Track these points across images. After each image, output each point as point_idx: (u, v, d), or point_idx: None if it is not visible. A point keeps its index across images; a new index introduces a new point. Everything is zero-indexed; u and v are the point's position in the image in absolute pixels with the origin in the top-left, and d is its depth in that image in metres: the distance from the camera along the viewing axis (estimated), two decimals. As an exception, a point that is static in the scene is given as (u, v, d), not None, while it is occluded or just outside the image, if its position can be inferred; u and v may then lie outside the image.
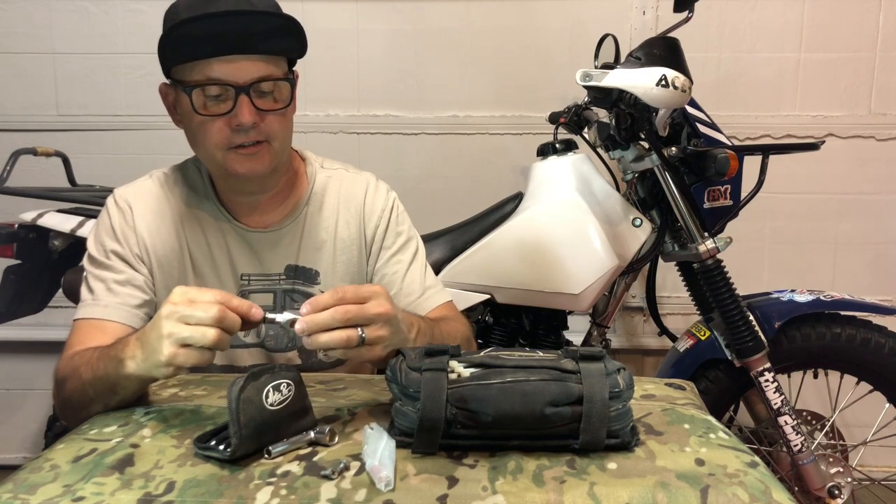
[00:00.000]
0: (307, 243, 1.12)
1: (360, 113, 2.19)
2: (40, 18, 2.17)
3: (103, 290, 1.03)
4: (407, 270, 1.15)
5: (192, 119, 0.99)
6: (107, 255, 1.06)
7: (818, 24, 2.15)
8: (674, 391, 0.95)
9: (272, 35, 0.97)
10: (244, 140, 0.98)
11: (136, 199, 1.09)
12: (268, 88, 0.99)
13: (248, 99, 0.96)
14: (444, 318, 1.12)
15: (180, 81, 0.98)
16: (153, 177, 1.12)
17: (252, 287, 1.10)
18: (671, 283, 2.13)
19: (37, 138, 2.12)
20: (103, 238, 1.07)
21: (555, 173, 1.66)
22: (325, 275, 1.13)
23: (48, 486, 0.66)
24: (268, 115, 0.99)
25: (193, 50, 0.95)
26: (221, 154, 1.00)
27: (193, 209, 1.10)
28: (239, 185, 1.07)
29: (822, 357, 1.65)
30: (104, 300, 1.02)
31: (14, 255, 1.57)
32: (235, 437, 0.69)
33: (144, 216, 1.08)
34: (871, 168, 2.20)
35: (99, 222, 1.10)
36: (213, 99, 0.97)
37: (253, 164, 1.00)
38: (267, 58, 0.98)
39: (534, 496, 0.64)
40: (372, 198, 1.16)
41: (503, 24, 2.17)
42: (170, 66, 0.99)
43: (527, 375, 0.72)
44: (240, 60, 0.95)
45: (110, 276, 1.04)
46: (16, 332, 2.15)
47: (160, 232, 1.08)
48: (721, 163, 1.46)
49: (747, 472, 0.70)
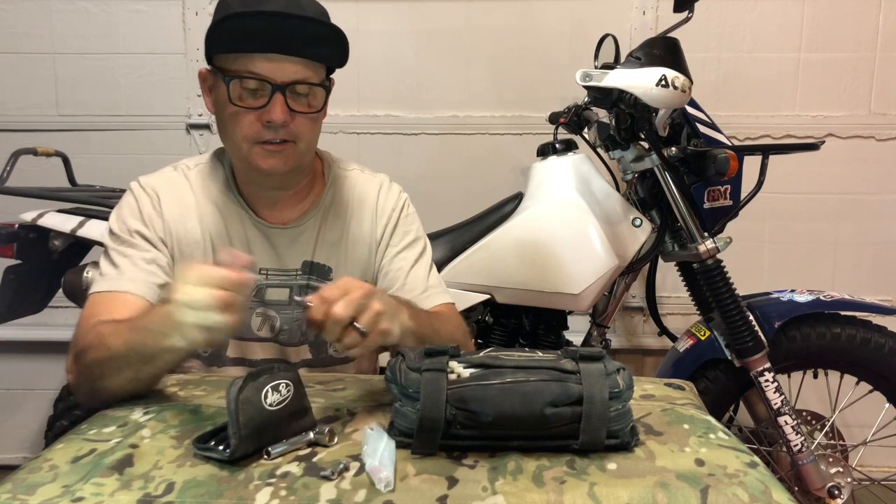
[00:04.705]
0: (323, 240, 1.15)
1: (360, 113, 2.19)
2: (40, 18, 2.17)
3: (129, 264, 1.04)
4: (411, 268, 1.17)
5: (226, 108, 1.02)
6: (131, 235, 1.07)
7: (818, 24, 2.16)
8: (673, 391, 0.95)
9: (317, 42, 1.00)
10: (272, 137, 1.01)
11: (163, 188, 1.11)
12: (303, 91, 1.02)
13: (282, 98, 0.99)
14: (441, 313, 1.13)
15: (221, 69, 1.01)
16: (178, 169, 1.14)
17: (270, 281, 1.13)
18: (671, 283, 2.13)
19: (37, 138, 2.12)
20: (128, 218, 1.08)
21: (555, 173, 1.66)
22: (337, 271, 1.15)
23: (47, 487, 0.66)
24: (298, 117, 1.02)
25: (240, 42, 0.98)
26: (248, 146, 1.03)
27: (216, 202, 1.12)
28: (260, 180, 1.09)
29: (821, 357, 1.65)
30: (130, 274, 1.03)
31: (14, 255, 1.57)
32: (235, 437, 0.69)
33: (170, 204, 1.10)
34: (871, 168, 2.20)
35: (123, 205, 1.11)
36: (249, 92, 1.00)
37: (276, 161, 1.03)
38: (308, 62, 1.01)
39: (534, 496, 0.64)
40: (385, 197, 1.19)
41: (503, 24, 2.17)
42: (214, 53, 1.02)
43: (526, 376, 0.72)
44: (282, 60, 0.99)
45: (136, 253, 1.05)
46: (16, 332, 2.15)
47: (184, 222, 1.10)
48: (721, 163, 1.46)
49: (747, 472, 0.70)
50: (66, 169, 1.82)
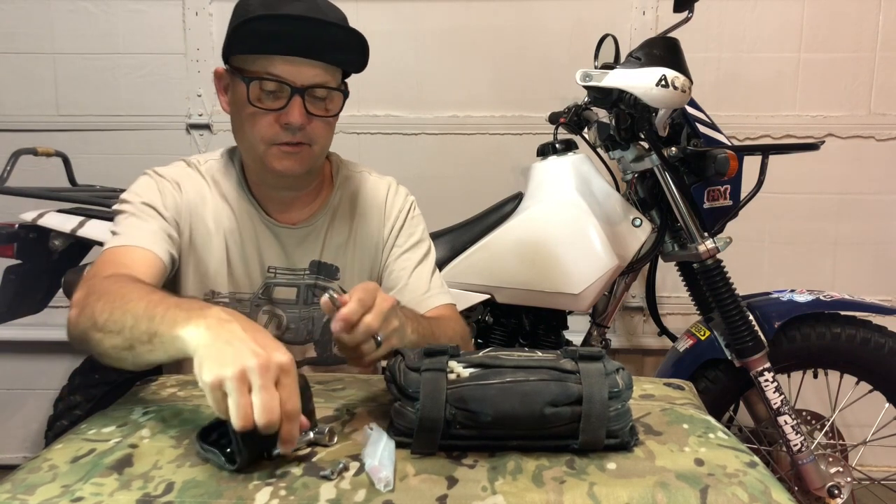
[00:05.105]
0: (331, 241, 1.16)
1: (360, 113, 2.19)
2: (40, 18, 2.17)
3: (144, 225, 1.03)
4: (415, 269, 1.19)
5: (244, 108, 1.02)
6: (146, 206, 1.05)
7: (818, 24, 2.16)
8: (673, 391, 0.95)
9: (338, 47, 1.01)
10: (289, 139, 1.02)
11: (182, 178, 1.11)
12: (321, 95, 1.03)
13: (301, 101, 1.00)
14: (441, 316, 1.13)
15: (239, 70, 1.02)
16: (190, 164, 1.15)
17: (278, 280, 1.14)
18: (671, 283, 2.13)
19: (37, 138, 2.13)
20: (146, 193, 1.07)
21: (555, 173, 1.66)
22: (344, 271, 1.17)
23: (47, 487, 0.66)
24: (315, 120, 1.03)
25: (261, 45, 0.98)
26: (264, 147, 1.03)
27: (228, 200, 1.12)
28: (273, 180, 1.10)
29: (821, 357, 1.65)
30: (145, 232, 1.02)
31: (14, 255, 1.57)
32: (239, 455, 0.68)
33: (189, 193, 1.10)
34: (871, 168, 2.20)
35: (141, 182, 1.09)
36: (268, 94, 1.01)
37: (291, 162, 1.04)
38: (327, 67, 1.02)
39: (533, 496, 0.64)
40: (392, 200, 1.21)
41: (503, 24, 2.17)
42: (234, 54, 1.02)
43: (526, 375, 0.72)
44: (302, 64, 0.99)
45: (150, 219, 1.04)
46: (16, 332, 2.15)
47: (201, 213, 1.10)
48: (721, 163, 1.46)
49: (747, 471, 0.70)
50: (66, 169, 1.82)
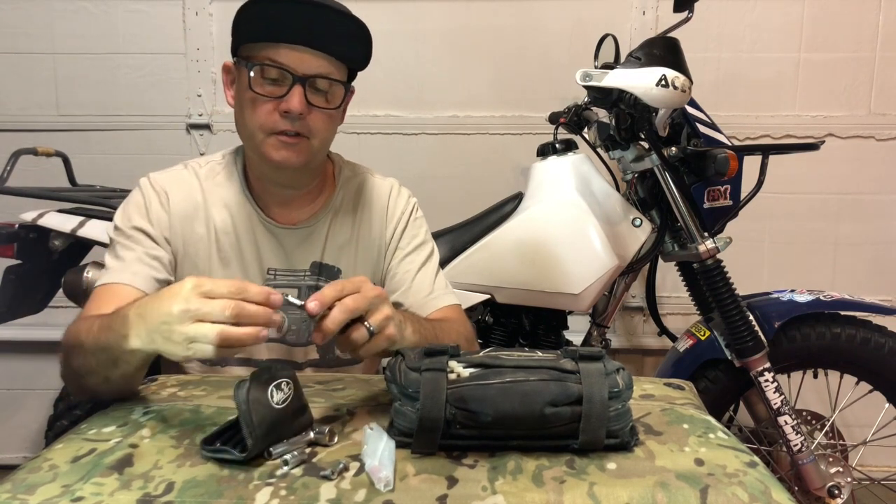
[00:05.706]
0: (332, 242, 1.16)
1: (360, 113, 2.19)
2: (40, 18, 2.17)
3: (132, 258, 1.04)
4: (418, 271, 1.18)
5: (245, 94, 1.02)
6: (135, 231, 1.07)
7: (818, 24, 2.16)
8: (673, 391, 0.95)
9: (343, 39, 1.01)
10: (287, 128, 1.01)
11: (172, 185, 1.11)
12: (323, 87, 1.03)
13: (302, 89, 1.00)
14: (445, 318, 1.13)
15: (245, 58, 1.02)
16: (188, 167, 1.14)
17: (278, 281, 1.13)
18: (671, 283, 2.13)
19: (37, 138, 2.13)
20: (133, 215, 1.08)
21: (555, 173, 1.66)
22: (346, 272, 1.16)
23: (47, 487, 0.66)
24: (315, 111, 1.03)
25: (266, 31, 0.99)
26: (262, 136, 1.03)
27: (225, 201, 1.12)
28: (271, 174, 1.09)
29: (821, 357, 1.64)
30: (132, 267, 1.03)
31: (14, 255, 1.57)
32: (251, 437, 0.69)
33: (178, 203, 1.10)
34: (871, 168, 2.20)
35: (130, 200, 1.11)
36: (270, 81, 1.00)
37: (289, 153, 1.03)
38: (331, 59, 1.02)
39: (533, 496, 0.64)
40: (395, 201, 1.21)
41: (503, 24, 2.17)
42: (240, 43, 1.03)
43: (526, 375, 0.72)
44: (306, 53, 1.00)
45: (139, 248, 1.06)
46: (16, 332, 2.16)
47: (192, 220, 1.10)
48: (721, 163, 1.46)
49: (747, 471, 0.70)
50: (66, 169, 1.82)
